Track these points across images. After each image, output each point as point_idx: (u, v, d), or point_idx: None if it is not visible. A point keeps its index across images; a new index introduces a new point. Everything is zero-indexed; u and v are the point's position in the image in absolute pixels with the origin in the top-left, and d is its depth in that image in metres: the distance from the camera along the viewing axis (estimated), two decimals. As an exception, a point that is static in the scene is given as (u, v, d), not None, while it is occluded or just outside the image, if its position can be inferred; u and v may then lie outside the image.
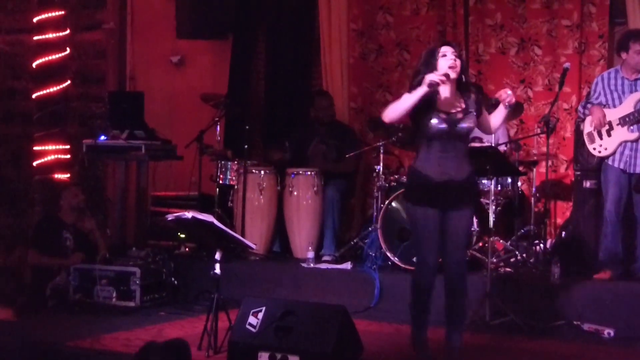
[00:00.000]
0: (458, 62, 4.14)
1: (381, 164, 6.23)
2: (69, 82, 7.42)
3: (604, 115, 5.52)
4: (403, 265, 5.81)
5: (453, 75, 4.12)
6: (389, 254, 5.87)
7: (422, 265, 4.23)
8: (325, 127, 6.75)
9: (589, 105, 5.65)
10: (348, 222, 6.89)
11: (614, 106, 5.55)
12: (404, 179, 6.12)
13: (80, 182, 7.17)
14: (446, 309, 4.31)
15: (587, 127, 5.63)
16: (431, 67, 4.13)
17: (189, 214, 4.52)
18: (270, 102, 7.58)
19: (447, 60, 4.13)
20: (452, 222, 4.19)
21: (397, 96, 6.85)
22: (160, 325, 5.18)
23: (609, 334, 4.93)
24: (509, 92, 4.19)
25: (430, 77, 4.03)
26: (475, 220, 5.55)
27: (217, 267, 4.50)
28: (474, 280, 4.93)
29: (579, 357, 4.60)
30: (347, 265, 6.04)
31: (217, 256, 4.51)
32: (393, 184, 6.17)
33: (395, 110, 4.09)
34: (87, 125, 7.70)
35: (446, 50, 4.16)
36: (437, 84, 4.05)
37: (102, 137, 6.71)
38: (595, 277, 5.54)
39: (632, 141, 5.48)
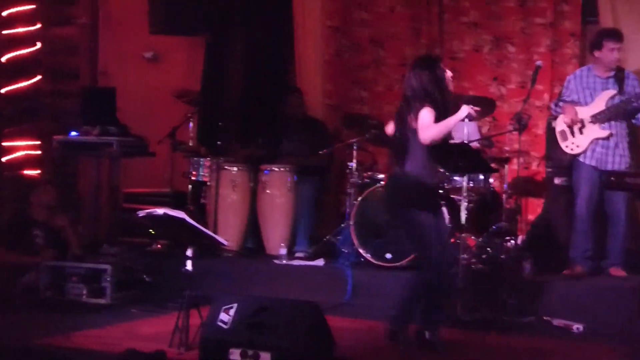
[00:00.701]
0: None
1: (354, 161, 6.23)
2: (39, 77, 7.33)
3: (576, 113, 5.56)
4: (376, 262, 5.82)
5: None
6: (361, 251, 5.88)
7: (439, 265, 4.38)
8: (298, 124, 6.74)
9: (561, 103, 5.69)
10: (321, 218, 6.88)
11: (586, 104, 5.60)
12: (379, 176, 6.15)
13: (52, 178, 7.09)
14: (429, 306, 4.45)
15: (560, 124, 5.67)
16: (443, 84, 4.44)
17: (160, 211, 4.49)
18: (245, 99, 7.55)
19: (448, 77, 4.49)
20: (442, 223, 4.56)
21: (371, 93, 7.10)
22: (133, 322, 5.14)
23: (577, 329, 4.98)
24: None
25: (469, 110, 4.40)
26: (447, 217, 5.58)
27: (189, 263, 4.49)
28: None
29: (552, 352, 4.62)
30: (320, 262, 6.04)
31: (189, 253, 4.50)
32: (367, 180, 6.17)
33: (439, 133, 4.34)
34: (59, 121, 7.62)
35: (444, 67, 4.53)
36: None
37: (73, 133, 6.65)
38: (565, 273, 5.60)
39: (603, 139, 5.53)
